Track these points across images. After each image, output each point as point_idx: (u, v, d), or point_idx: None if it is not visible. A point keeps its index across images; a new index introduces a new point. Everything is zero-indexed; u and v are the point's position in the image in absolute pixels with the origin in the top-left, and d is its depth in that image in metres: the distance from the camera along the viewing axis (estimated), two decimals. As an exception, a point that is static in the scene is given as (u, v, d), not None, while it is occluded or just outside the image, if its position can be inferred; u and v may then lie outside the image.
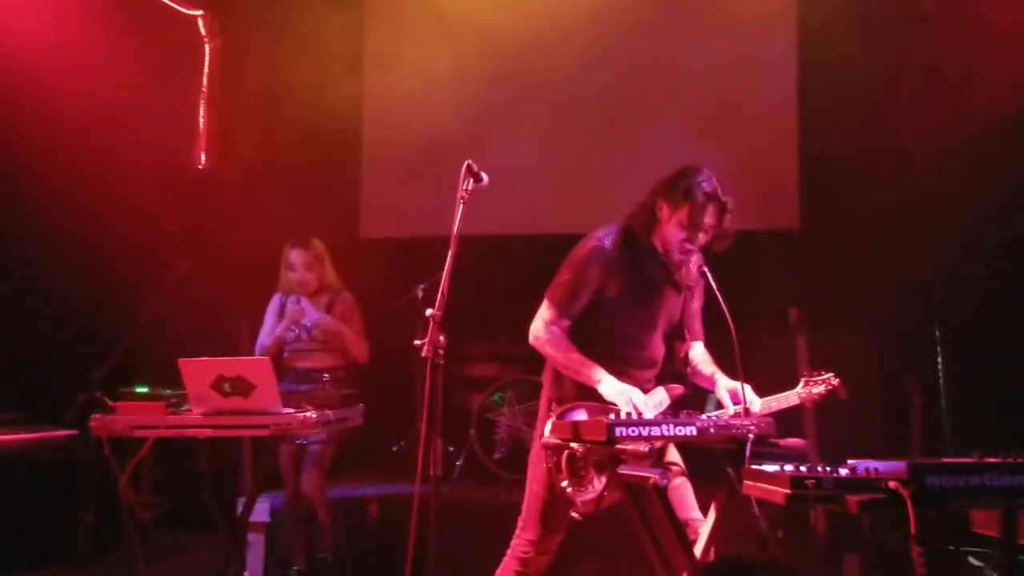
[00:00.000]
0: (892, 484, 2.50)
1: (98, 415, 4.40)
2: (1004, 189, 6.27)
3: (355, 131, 8.10)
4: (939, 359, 6.17)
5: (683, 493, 3.74)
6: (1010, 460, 2.55)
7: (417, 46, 7.84)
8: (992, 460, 2.56)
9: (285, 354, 5.53)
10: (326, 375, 5.46)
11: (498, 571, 3.86)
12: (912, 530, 2.46)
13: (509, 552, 3.86)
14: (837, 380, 3.89)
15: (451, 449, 6.82)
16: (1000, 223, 6.35)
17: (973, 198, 6.40)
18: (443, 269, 3.51)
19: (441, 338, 3.39)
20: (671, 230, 3.72)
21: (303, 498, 5.40)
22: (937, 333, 6.22)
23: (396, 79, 7.95)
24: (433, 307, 3.45)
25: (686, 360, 4.00)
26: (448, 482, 6.43)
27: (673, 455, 3.82)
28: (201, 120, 7.66)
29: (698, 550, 3.45)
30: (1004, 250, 6.35)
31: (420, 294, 6.73)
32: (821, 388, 3.87)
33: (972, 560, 5.12)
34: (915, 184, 6.91)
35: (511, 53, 7.73)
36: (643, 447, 3.06)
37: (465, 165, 3.57)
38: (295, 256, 5.55)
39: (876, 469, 2.58)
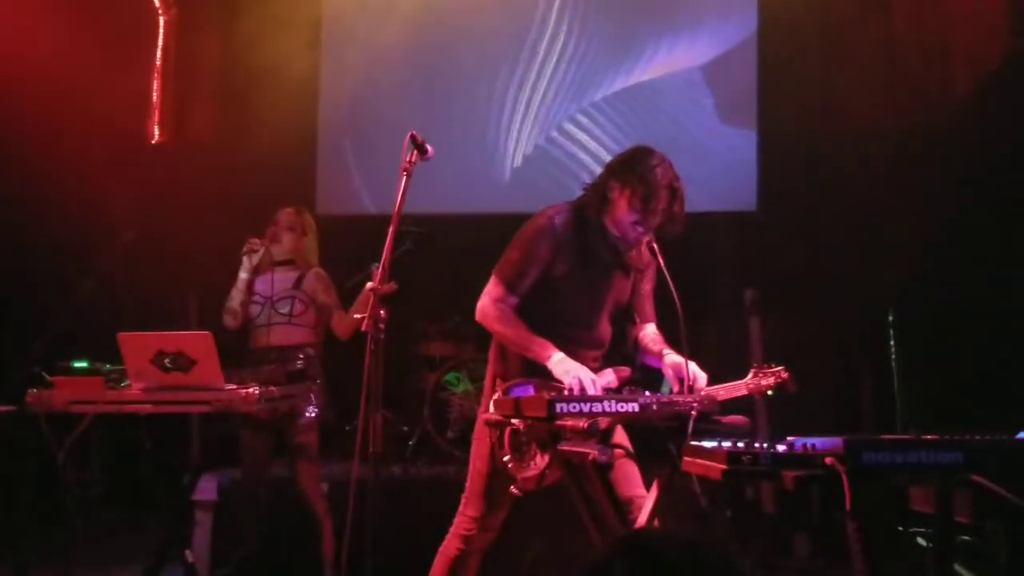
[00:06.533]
0: (828, 460, 2.47)
1: (35, 390, 4.30)
2: (961, 174, 6.29)
3: (312, 106, 7.98)
4: (892, 342, 6.20)
5: (628, 471, 3.70)
6: (947, 437, 2.53)
7: (375, 20, 7.75)
8: (929, 437, 2.54)
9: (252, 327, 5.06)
10: (301, 354, 5.07)
11: (440, 548, 3.82)
12: (848, 506, 2.44)
13: (452, 529, 3.81)
14: (787, 374, 3.87)
15: (405, 428, 6.76)
16: (957, 207, 6.37)
17: (929, 183, 6.42)
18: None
19: (382, 312, 3.34)
20: (623, 212, 3.67)
21: (301, 492, 5.03)
22: (890, 317, 6.24)
23: (354, 54, 7.86)
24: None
25: (636, 342, 3.97)
26: (401, 461, 6.39)
27: (620, 437, 3.78)
28: (155, 94, 7.55)
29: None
30: (960, 235, 6.37)
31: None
32: (770, 380, 3.84)
33: (921, 541, 5.14)
34: (872, 168, 6.94)
35: (470, 28, 7.67)
36: (583, 423, 3.01)
37: (408, 136, 3.51)
38: (282, 214, 5.19)
39: (813, 445, 2.55)
